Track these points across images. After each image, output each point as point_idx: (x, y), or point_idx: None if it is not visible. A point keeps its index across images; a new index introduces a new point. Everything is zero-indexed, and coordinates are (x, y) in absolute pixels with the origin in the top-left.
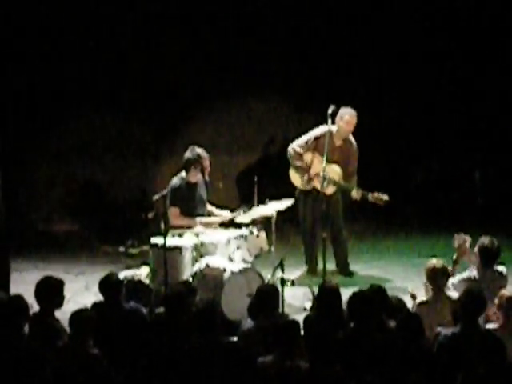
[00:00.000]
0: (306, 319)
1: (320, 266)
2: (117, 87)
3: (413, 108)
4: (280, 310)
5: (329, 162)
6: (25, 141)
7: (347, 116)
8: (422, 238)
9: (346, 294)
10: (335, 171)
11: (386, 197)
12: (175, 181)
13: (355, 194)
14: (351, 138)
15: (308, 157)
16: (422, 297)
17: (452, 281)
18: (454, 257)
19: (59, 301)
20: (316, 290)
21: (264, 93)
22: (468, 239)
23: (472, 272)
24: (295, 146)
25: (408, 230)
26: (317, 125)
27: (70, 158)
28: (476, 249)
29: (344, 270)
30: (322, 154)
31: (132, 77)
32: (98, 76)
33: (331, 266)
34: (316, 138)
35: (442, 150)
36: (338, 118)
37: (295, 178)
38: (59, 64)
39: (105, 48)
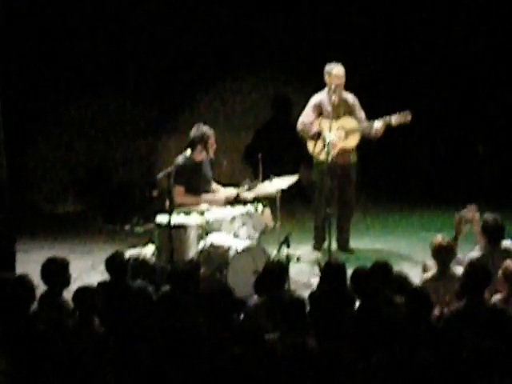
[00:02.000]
0: (312, 296)
1: (326, 242)
2: (120, 67)
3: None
4: (286, 286)
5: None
6: (28, 122)
7: (334, 70)
8: (427, 212)
9: (351, 270)
10: (349, 121)
11: (406, 113)
12: (180, 159)
13: (378, 125)
14: (346, 93)
15: (317, 123)
16: (426, 275)
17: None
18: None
19: (66, 280)
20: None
21: (269, 70)
22: (471, 211)
23: (477, 252)
24: (301, 120)
25: (413, 205)
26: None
27: (74, 139)
28: (480, 228)
29: (344, 245)
30: (327, 117)
31: (135, 56)
32: (102, 56)
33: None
34: (316, 104)
35: (444, 124)
36: (326, 77)
37: (312, 148)
38: (62, 46)
39: (107, 29)
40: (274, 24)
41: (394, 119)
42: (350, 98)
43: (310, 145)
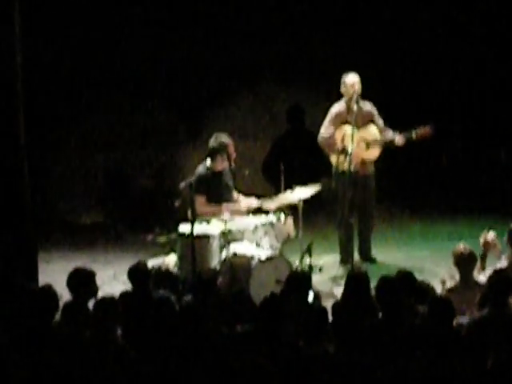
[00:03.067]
0: (335, 306)
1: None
2: (142, 74)
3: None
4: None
5: (358, 127)
6: (51, 131)
7: (347, 79)
8: (449, 221)
9: (373, 280)
10: (370, 131)
11: (429, 128)
12: (200, 169)
13: (398, 139)
14: (363, 101)
15: (339, 133)
16: (449, 284)
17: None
18: (481, 252)
19: (92, 290)
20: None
21: (290, 80)
22: (493, 235)
23: (503, 263)
24: (321, 132)
25: (434, 214)
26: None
27: (97, 148)
28: (506, 237)
29: (366, 255)
30: (348, 123)
31: (157, 64)
32: (124, 64)
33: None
34: (337, 114)
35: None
36: (341, 88)
37: (334, 160)
38: (84, 54)
39: (129, 35)
40: (289, 35)
41: (415, 134)
42: (368, 106)
43: (333, 157)
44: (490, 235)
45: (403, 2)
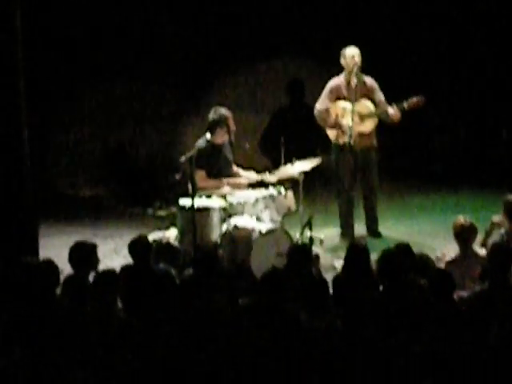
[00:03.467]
0: (335, 279)
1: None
2: (141, 50)
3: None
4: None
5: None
6: (52, 106)
7: (346, 51)
8: (450, 195)
9: (374, 254)
10: (365, 105)
11: (420, 97)
12: (200, 143)
13: (393, 112)
14: (364, 76)
15: (335, 109)
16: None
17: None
18: (487, 228)
19: (93, 264)
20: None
21: (290, 53)
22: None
23: (502, 233)
24: (317, 106)
25: (436, 188)
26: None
27: (96, 122)
28: (502, 208)
29: (373, 230)
30: (346, 100)
31: (156, 39)
32: (124, 40)
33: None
34: (333, 88)
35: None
36: (341, 60)
37: (331, 134)
38: (82, 29)
39: (129, 12)
40: (289, 8)
41: (407, 104)
42: (368, 80)
43: (329, 131)
44: (499, 217)
45: None
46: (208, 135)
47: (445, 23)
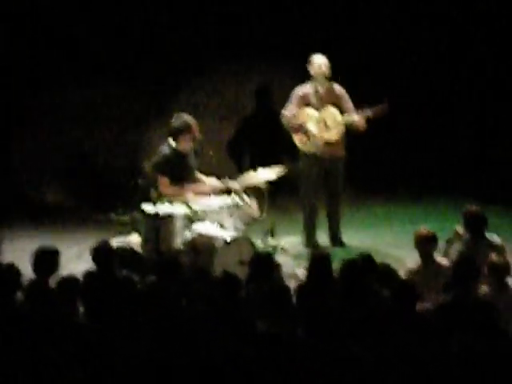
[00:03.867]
0: (298, 287)
1: (318, 238)
2: (106, 54)
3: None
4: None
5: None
6: (16, 110)
7: (314, 60)
8: (412, 205)
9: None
10: (331, 113)
11: (384, 105)
12: (165, 149)
13: (358, 119)
14: (332, 83)
15: (302, 115)
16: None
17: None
18: (450, 237)
19: (55, 269)
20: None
21: (258, 60)
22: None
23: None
24: (283, 113)
25: (399, 198)
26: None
27: (62, 127)
28: (462, 219)
29: (335, 239)
30: (312, 107)
31: (122, 44)
32: (89, 45)
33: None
34: (300, 95)
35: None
36: (308, 67)
37: (298, 140)
38: (51, 33)
39: (97, 15)
40: (257, 14)
41: (371, 111)
42: (337, 88)
43: (296, 137)
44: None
45: None
46: (172, 142)
47: (442, 23)
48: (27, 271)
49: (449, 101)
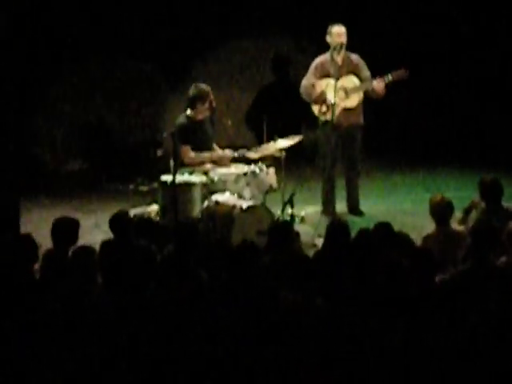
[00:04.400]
0: (315, 255)
1: (336, 207)
2: (123, 27)
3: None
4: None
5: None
6: (34, 81)
7: (333, 29)
8: (431, 174)
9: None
10: (350, 79)
11: (404, 70)
12: (181, 119)
13: (377, 84)
14: (350, 53)
15: (320, 85)
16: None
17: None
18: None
19: (74, 239)
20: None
21: (276, 30)
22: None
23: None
24: (302, 83)
25: (418, 166)
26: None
27: (77, 98)
28: (479, 189)
29: (354, 208)
30: (331, 77)
31: (138, 17)
32: (106, 17)
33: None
34: (318, 65)
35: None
36: (327, 37)
37: (316, 109)
38: (66, 5)
39: None
40: None
41: (391, 76)
42: (354, 57)
43: (315, 107)
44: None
45: None
46: (188, 111)
47: (445, 23)
48: (45, 242)
49: (471, 70)
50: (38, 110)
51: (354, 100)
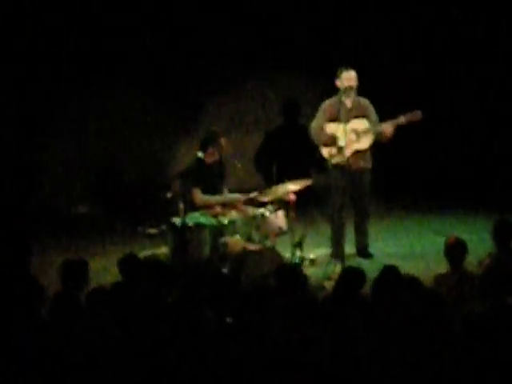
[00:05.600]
0: (325, 299)
1: (345, 250)
2: (134, 66)
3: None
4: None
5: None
6: (45, 122)
7: (342, 74)
8: (441, 217)
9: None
10: (361, 122)
11: (418, 112)
12: (192, 161)
13: (387, 127)
14: (359, 97)
15: (330, 127)
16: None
17: None
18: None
19: (85, 282)
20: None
21: (286, 73)
22: None
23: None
24: (312, 125)
25: (428, 209)
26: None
27: (89, 139)
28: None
29: (363, 251)
30: (339, 120)
31: (149, 54)
32: (116, 53)
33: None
34: (327, 108)
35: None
36: (337, 81)
37: (325, 152)
38: (75, 40)
39: (122, 22)
40: (284, 26)
41: (405, 118)
42: (363, 101)
43: (324, 150)
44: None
45: None
46: (200, 153)
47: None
48: (54, 284)
49: (475, 111)
50: (48, 151)
51: (366, 142)
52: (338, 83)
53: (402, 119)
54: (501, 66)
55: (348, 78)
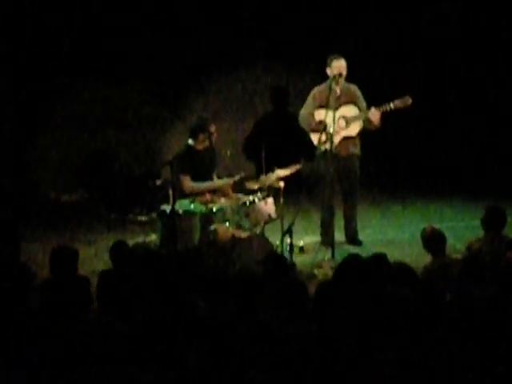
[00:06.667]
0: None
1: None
2: (123, 56)
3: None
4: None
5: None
6: (34, 111)
7: (334, 61)
8: (430, 203)
9: None
10: (350, 109)
11: (407, 98)
12: (182, 148)
13: (375, 112)
14: (348, 84)
15: (319, 114)
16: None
17: None
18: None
19: (72, 269)
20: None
21: (274, 61)
22: None
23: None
24: (301, 112)
25: (416, 196)
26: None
27: (76, 127)
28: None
29: (352, 238)
30: (329, 107)
31: (137, 45)
32: (105, 45)
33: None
34: (316, 95)
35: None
36: (327, 69)
37: (315, 139)
38: (63, 33)
39: (110, 16)
40: (273, 14)
41: (394, 104)
42: (352, 88)
43: (313, 136)
44: None
45: None
46: (190, 140)
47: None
48: (43, 271)
49: (464, 97)
50: (37, 139)
51: (355, 129)
52: (328, 71)
53: (390, 105)
54: (501, 65)
55: (338, 66)
